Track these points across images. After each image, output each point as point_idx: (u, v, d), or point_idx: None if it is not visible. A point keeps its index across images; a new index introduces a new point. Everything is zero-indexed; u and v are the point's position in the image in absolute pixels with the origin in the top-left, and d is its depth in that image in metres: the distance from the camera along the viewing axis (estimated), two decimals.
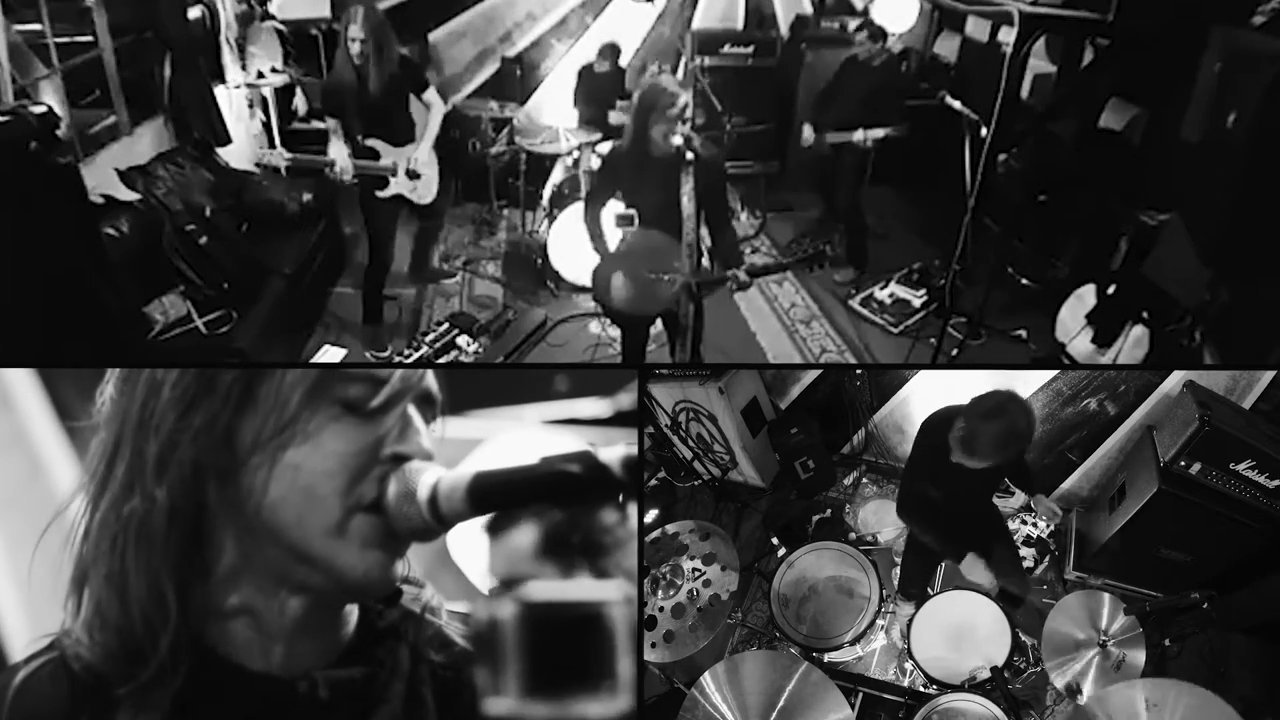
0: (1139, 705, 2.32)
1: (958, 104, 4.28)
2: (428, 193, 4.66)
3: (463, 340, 4.35)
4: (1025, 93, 6.04)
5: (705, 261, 3.75)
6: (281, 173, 5.93)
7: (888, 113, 5.14)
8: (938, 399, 2.90)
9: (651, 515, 3.78)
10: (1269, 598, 2.91)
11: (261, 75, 6.36)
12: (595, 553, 0.84)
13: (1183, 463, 2.94)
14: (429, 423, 1.02)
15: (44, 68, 4.49)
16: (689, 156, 3.29)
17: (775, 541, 3.59)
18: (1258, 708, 2.79)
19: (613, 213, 3.57)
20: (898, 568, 3.35)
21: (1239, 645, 3.02)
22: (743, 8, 7.30)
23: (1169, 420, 3.16)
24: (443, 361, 4.25)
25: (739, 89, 6.41)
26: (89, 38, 4.89)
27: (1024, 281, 5.43)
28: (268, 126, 6.51)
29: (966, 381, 2.63)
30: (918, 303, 5.35)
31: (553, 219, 5.33)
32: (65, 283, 3.24)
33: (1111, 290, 4.39)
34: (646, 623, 3.02)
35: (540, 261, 5.48)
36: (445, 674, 1.06)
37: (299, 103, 6.90)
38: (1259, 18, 3.92)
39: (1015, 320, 5.06)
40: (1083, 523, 3.64)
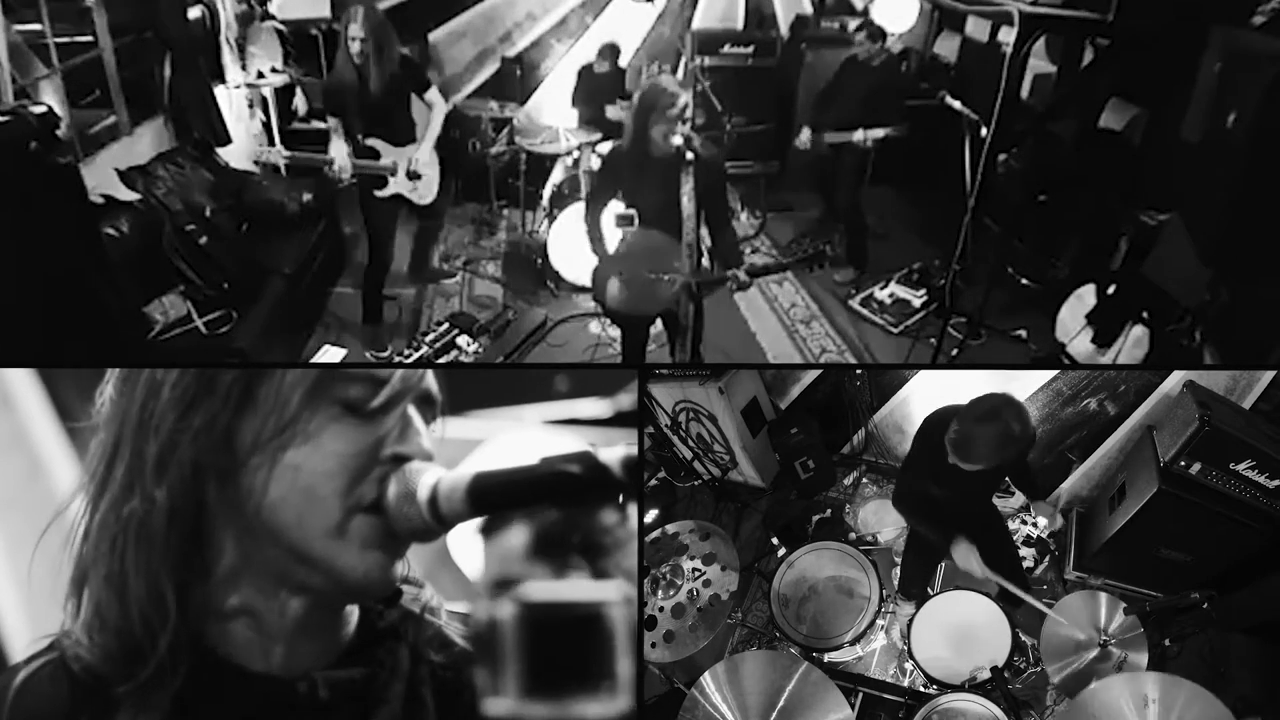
0: (1137, 700, 2.32)
1: (958, 104, 4.27)
2: (428, 193, 4.66)
3: (463, 340, 4.34)
4: (1025, 93, 6.04)
5: (705, 261, 3.75)
6: (281, 172, 5.94)
7: (888, 113, 5.14)
8: (938, 399, 2.90)
9: (651, 515, 3.78)
10: (1269, 598, 2.90)
11: (261, 75, 6.36)
12: (595, 553, 0.84)
13: (1183, 463, 2.94)
14: (429, 423, 1.02)
15: (44, 68, 4.49)
16: (689, 156, 3.29)
17: (775, 541, 3.59)
18: (1257, 708, 2.79)
19: (613, 213, 3.57)
20: (898, 568, 3.35)
21: (1239, 645, 3.01)
22: (743, 8, 7.30)
23: (1169, 420, 3.16)
24: (443, 361, 4.24)
25: (739, 89, 6.41)
26: (89, 38, 4.89)
27: (1024, 281, 5.43)
28: (268, 126, 6.52)
29: (966, 381, 2.62)
30: (918, 303, 5.35)
31: (553, 219, 5.33)
32: (65, 283, 3.24)
33: (1111, 290, 4.39)
34: (646, 623, 3.02)
35: (540, 261, 5.48)
36: (445, 674, 1.06)
37: (299, 103, 6.91)
38: (1259, 18, 3.92)
39: (1015, 320, 5.06)
40: (1083, 523, 3.64)
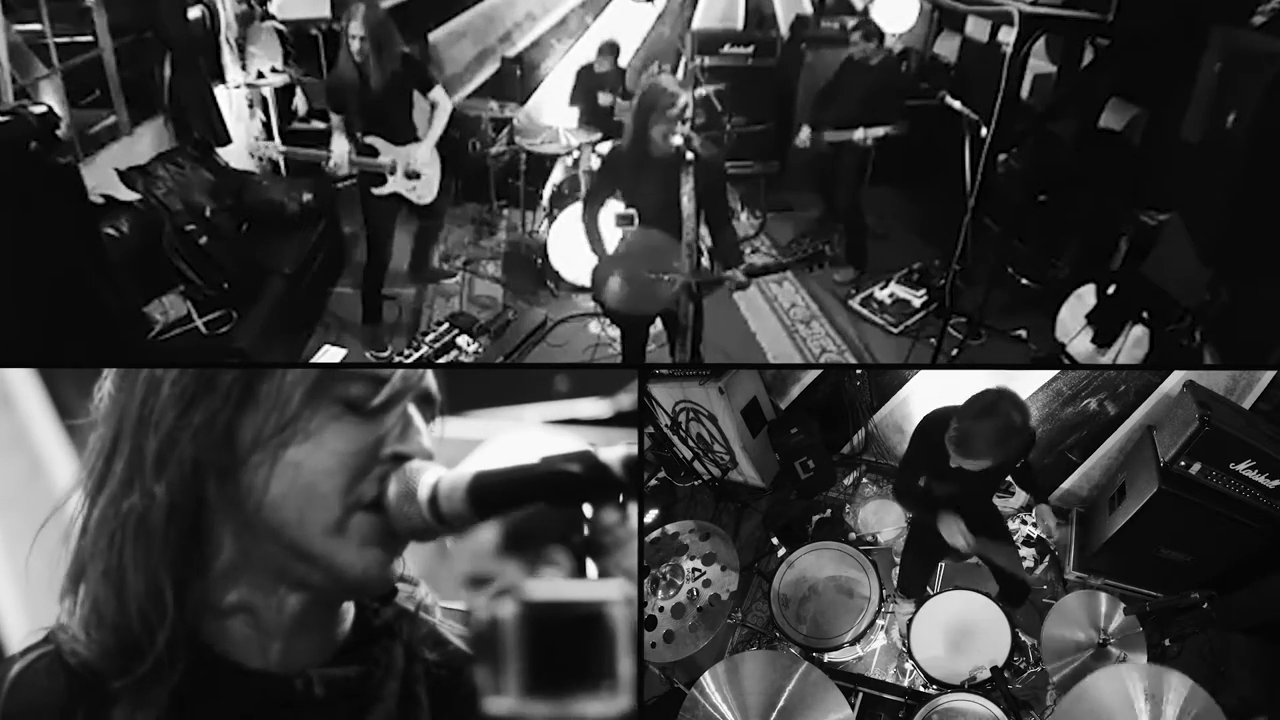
0: (1134, 691, 2.33)
1: (958, 104, 4.27)
2: (428, 192, 4.66)
3: (463, 340, 4.34)
4: (1025, 93, 6.04)
5: (705, 261, 3.75)
6: (281, 170, 5.94)
7: (888, 112, 5.13)
8: (938, 399, 2.90)
9: (651, 515, 3.78)
10: (1269, 598, 2.90)
11: (261, 75, 6.36)
12: (595, 552, 0.84)
13: (1183, 463, 2.94)
14: (428, 422, 1.02)
15: (44, 68, 4.49)
16: (689, 156, 3.29)
17: (775, 541, 3.59)
18: (1257, 707, 2.79)
19: (612, 213, 3.57)
20: (898, 567, 3.35)
21: (1239, 645, 3.02)
22: (743, 8, 7.30)
23: (1169, 420, 3.16)
24: (443, 361, 4.24)
25: (739, 89, 6.41)
26: (89, 38, 4.89)
27: (1024, 281, 5.43)
28: (268, 126, 6.52)
29: (966, 381, 2.61)
30: (918, 303, 5.35)
31: (553, 219, 5.33)
32: (65, 283, 3.24)
33: (1111, 290, 4.39)
34: (646, 623, 3.02)
35: (540, 261, 5.48)
36: (439, 672, 1.06)
37: (299, 103, 6.91)
38: (1259, 18, 3.92)
39: (1015, 320, 5.06)
40: (1083, 523, 3.64)
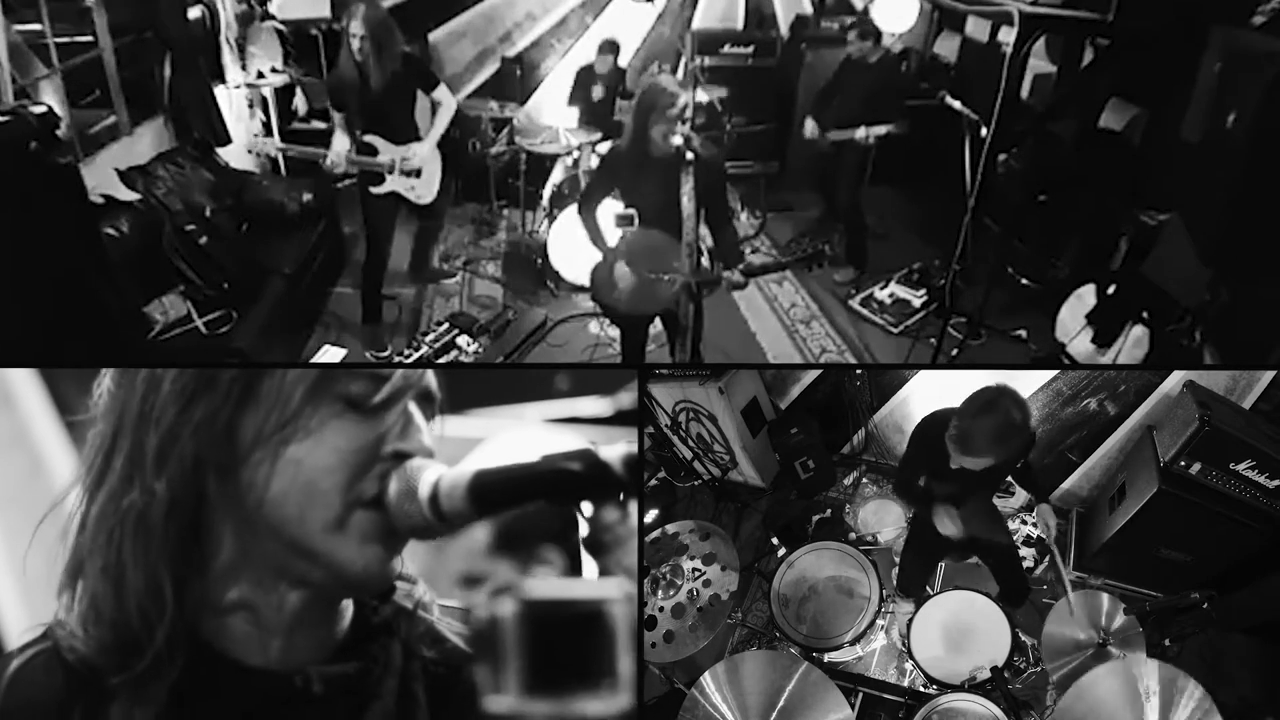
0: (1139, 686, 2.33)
1: (958, 104, 4.27)
2: (427, 192, 4.65)
3: (463, 340, 4.34)
4: (1025, 93, 6.04)
5: (705, 261, 3.75)
6: (280, 170, 5.94)
7: (888, 111, 5.13)
8: (938, 399, 2.90)
9: (651, 515, 3.78)
10: (1269, 598, 2.90)
11: (261, 75, 6.36)
12: (596, 550, 0.84)
13: (1183, 463, 2.94)
14: (429, 420, 1.02)
15: (44, 68, 4.49)
16: (689, 156, 3.29)
17: (775, 541, 3.59)
18: (1257, 708, 2.79)
19: (612, 213, 3.57)
20: (897, 567, 3.35)
21: (1239, 645, 3.01)
22: (743, 8, 7.30)
23: (1169, 420, 3.16)
24: (442, 361, 4.24)
25: (739, 89, 6.41)
26: (89, 38, 4.89)
27: (1024, 281, 5.43)
28: (268, 126, 6.52)
29: (966, 381, 2.61)
30: (918, 303, 5.35)
31: (553, 219, 5.33)
32: (65, 283, 3.24)
33: (1111, 290, 4.39)
34: (646, 623, 3.02)
35: (540, 261, 5.47)
36: (437, 670, 1.06)
37: (299, 103, 6.91)
38: (1259, 18, 3.92)
39: (1015, 320, 5.06)
40: (1083, 523, 3.64)
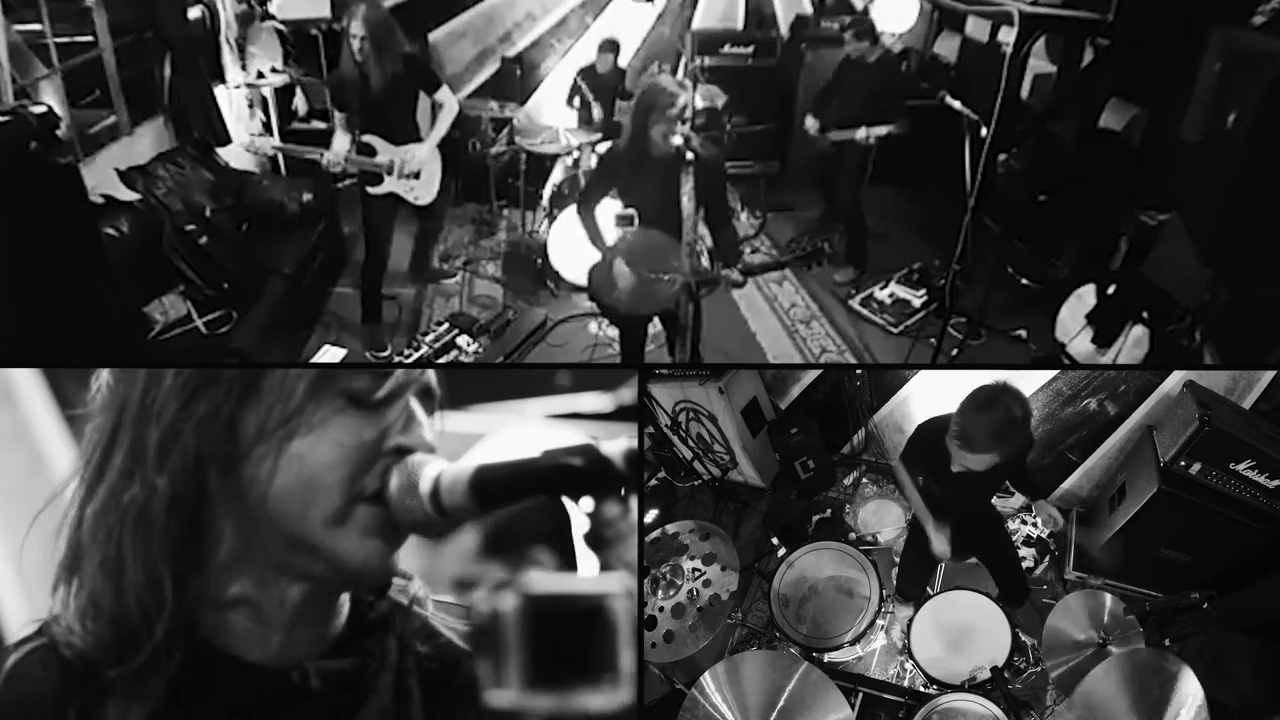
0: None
1: (958, 104, 4.28)
2: (426, 193, 4.64)
3: (463, 340, 4.34)
4: (1025, 93, 6.04)
5: (705, 261, 3.74)
6: (280, 170, 5.94)
7: (889, 111, 5.13)
8: (938, 399, 2.90)
9: (651, 515, 3.78)
10: (1269, 598, 2.89)
11: (261, 75, 6.37)
12: (597, 545, 0.84)
13: (1183, 463, 2.94)
14: (429, 416, 1.02)
15: (44, 68, 4.49)
16: (689, 156, 3.29)
17: (775, 541, 3.59)
18: (1257, 708, 2.79)
19: (612, 213, 3.56)
20: (897, 568, 3.35)
21: (1239, 645, 3.01)
22: (743, 8, 7.30)
23: (1169, 420, 3.16)
24: (442, 361, 4.24)
25: (739, 89, 6.41)
26: (89, 38, 4.89)
27: (1024, 281, 5.43)
28: (268, 126, 6.52)
29: (966, 381, 2.61)
30: (918, 303, 5.35)
31: (553, 219, 5.33)
32: (65, 283, 3.24)
33: (1111, 290, 4.39)
34: (646, 623, 3.02)
35: (540, 261, 5.47)
36: (431, 665, 1.06)
37: (299, 103, 6.91)
38: (1259, 18, 3.92)
39: (1015, 320, 5.06)
40: (1083, 522, 3.64)
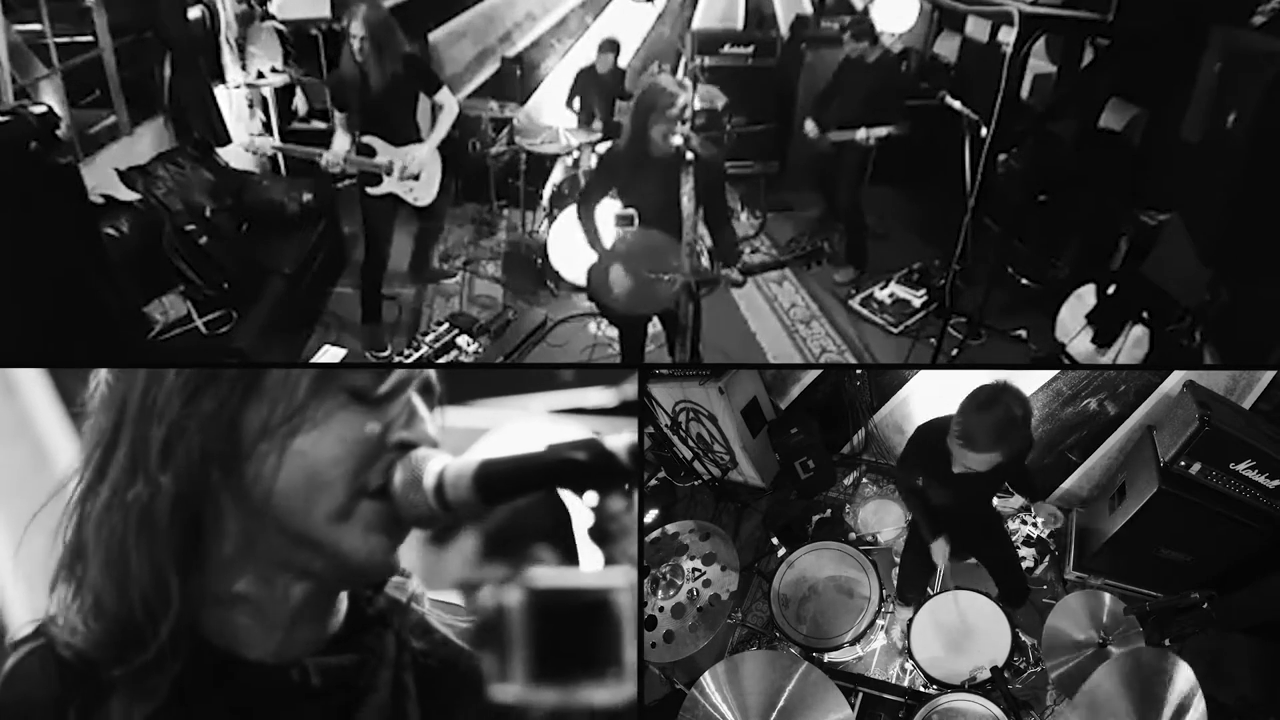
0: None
1: (958, 104, 4.27)
2: (425, 194, 4.64)
3: (463, 340, 4.34)
4: (1025, 93, 6.04)
5: (705, 261, 3.74)
6: (280, 170, 5.94)
7: (889, 112, 5.13)
8: (938, 399, 2.90)
9: (651, 515, 3.78)
10: (1269, 598, 2.89)
11: (261, 75, 6.37)
12: (601, 540, 0.84)
13: (1183, 463, 2.94)
14: (430, 410, 1.02)
15: (44, 68, 4.49)
16: (689, 156, 3.29)
17: (775, 541, 3.58)
18: (1257, 708, 2.79)
19: (612, 213, 3.56)
20: (898, 568, 3.35)
21: (1239, 645, 3.01)
22: (743, 8, 7.31)
23: (1169, 420, 3.16)
24: (443, 361, 4.24)
25: (739, 89, 6.41)
26: (89, 38, 4.89)
27: (1024, 281, 5.43)
28: (268, 126, 6.52)
29: (966, 382, 2.61)
30: (918, 303, 5.35)
31: (553, 219, 5.33)
32: (65, 283, 3.24)
33: (1111, 290, 4.39)
34: (646, 623, 3.02)
35: (540, 261, 5.47)
36: (427, 661, 1.06)
37: (299, 103, 6.91)
38: (1259, 18, 3.93)
39: (1015, 320, 5.06)
40: (1083, 523, 3.64)
